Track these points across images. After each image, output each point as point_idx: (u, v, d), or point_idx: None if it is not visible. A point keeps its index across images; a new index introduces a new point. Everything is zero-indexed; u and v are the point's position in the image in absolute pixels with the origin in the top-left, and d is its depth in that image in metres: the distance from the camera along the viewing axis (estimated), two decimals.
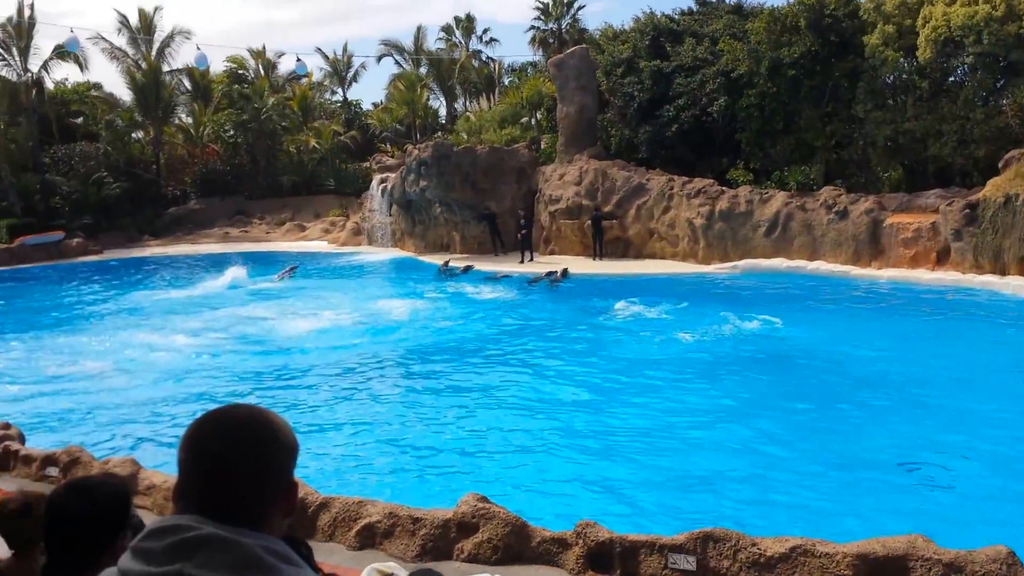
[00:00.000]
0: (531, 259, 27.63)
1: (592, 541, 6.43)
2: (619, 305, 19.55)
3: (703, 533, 6.26)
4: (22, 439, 9.94)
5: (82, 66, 42.07)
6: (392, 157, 36.84)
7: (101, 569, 2.54)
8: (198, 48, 37.31)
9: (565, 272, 24.27)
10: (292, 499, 1.67)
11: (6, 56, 39.65)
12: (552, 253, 28.64)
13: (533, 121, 37.09)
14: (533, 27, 51.44)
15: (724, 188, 25.90)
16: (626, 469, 10.04)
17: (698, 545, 6.21)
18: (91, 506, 2.57)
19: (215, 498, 1.56)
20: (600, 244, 27.29)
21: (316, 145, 43.74)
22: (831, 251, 23.42)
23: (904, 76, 24.91)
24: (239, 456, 1.58)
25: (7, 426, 10.05)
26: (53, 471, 8.90)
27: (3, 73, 39.72)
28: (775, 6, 27.89)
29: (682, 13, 32.77)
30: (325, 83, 54.19)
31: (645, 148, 29.28)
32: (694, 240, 25.87)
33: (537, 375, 14.66)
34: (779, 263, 23.84)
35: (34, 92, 40.77)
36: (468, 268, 26.67)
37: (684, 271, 24.79)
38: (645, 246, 27.39)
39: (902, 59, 24.54)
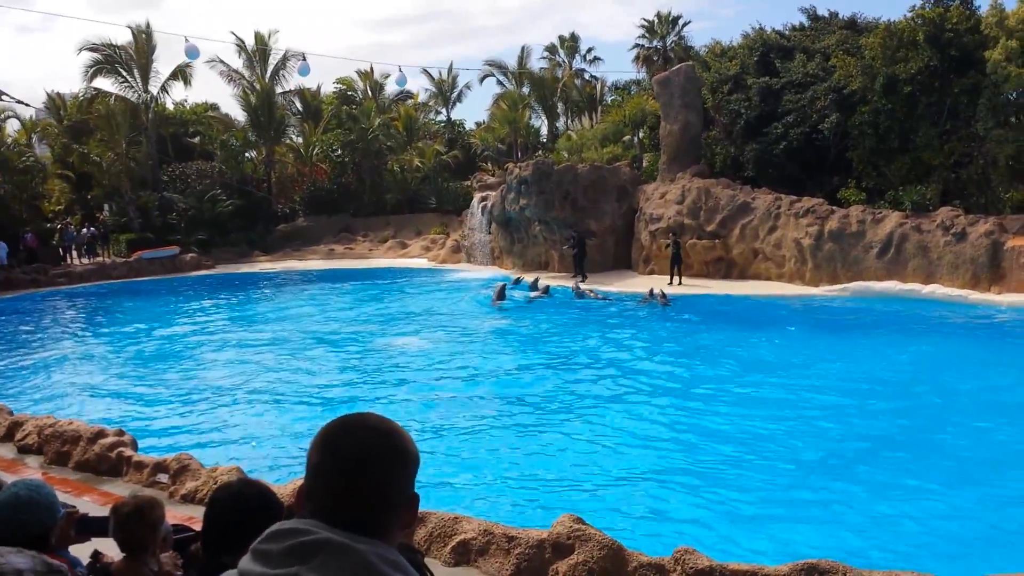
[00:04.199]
0: (583, 279, 27.44)
1: (691, 568, 6.22)
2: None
3: (808, 564, 5.99)
4: (135, 446, 10.26)
5: (187, 81, 43.14)
6: (493, 176, 37.19)
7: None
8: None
9: (664, 293, 23.68)
10: (414, 510, 1.68)
11: (128, 78, 41.76)
12: (652, 273, 28.27)
13: (635, 139, 36.86)
14: (637, 45, 51.37)
15: (834, 208, 25.13)
16: (723, 496, 9.73)
17: None
18: (257, 492, 2.90)
19: (343, 503, 1.57)
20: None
21: (419, 164, 44.57)
22: (948, 275, 22.40)
23: None
24: (374, 462, 1.60)
25: (121, 432, 10.37)
26: (163, 477, 9.18)
27: (125, 94, 41.85)
28: (891, 20, 27.00)
29: (793, 29, 32.17)
30: (430, 103, 55.26)
31: (751, 166, 28.69)
32: (801, 261, 25.15)
33: (637, 395, 14.44)
34: (892, 286, 22.92)
35: (152, 112, 42.73)
36: (580, 284, 26.31)
37: (791, 292, 24.08)
38: (749, 267, 26.76)
39: None
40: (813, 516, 9.08)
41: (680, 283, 25.94)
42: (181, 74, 42.34)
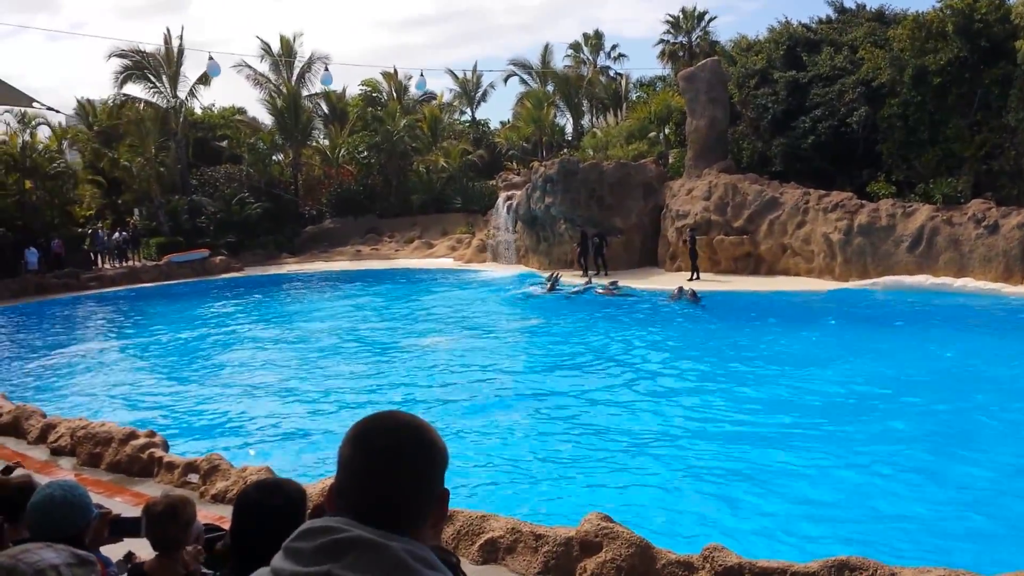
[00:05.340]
0: (606, 273, 28.00)
1: (720, 566, 6.18)
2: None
3: (838, 561, 5.94)
4: (166, 447, 10.37)
5: (207, 83, 42.60)
6: (518, 175, 37.15)
7: None
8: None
9: (694, 291, 23.54)
10: (444, 507, 1.68)
11: (157, 84, 42.16)
12: (679, 270, 28.11)
13: (661, 136, 36.67)
14: (662, 41, 51.09)
15: (863, 201, 24.85)
16: (754, 493, 9.66)
17: (833, 573, 5.89)
18: (282, 498, 2.76)
19: (374, 499, 1.57)
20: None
21: (445, 164, 44.64)
22: (980, 268, 22.07)
23: None
24: (404, 458, 1.60)
25: (152, 434, 10.49)
26: (194, 478, 9.27)
27: (155, 100, 42.25)
28: (919, 12, 26.64)
29: (819, 22, 31.86)
30: (454, 103, 55.33)
31: (779, 161, 28.44)
32: (831, 256, 24.89)
33: (667, 392, 14.37)
34: (923, 280, 22.62)
35: (181, 117, 43.09)
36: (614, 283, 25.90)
37: (821, 288, 23.83)
38: (778, 262, 26.52)
39: None
40: (848, 516, 8.99)
41: (696, 278, 25.79)
42: (205, 78, 42.59)
